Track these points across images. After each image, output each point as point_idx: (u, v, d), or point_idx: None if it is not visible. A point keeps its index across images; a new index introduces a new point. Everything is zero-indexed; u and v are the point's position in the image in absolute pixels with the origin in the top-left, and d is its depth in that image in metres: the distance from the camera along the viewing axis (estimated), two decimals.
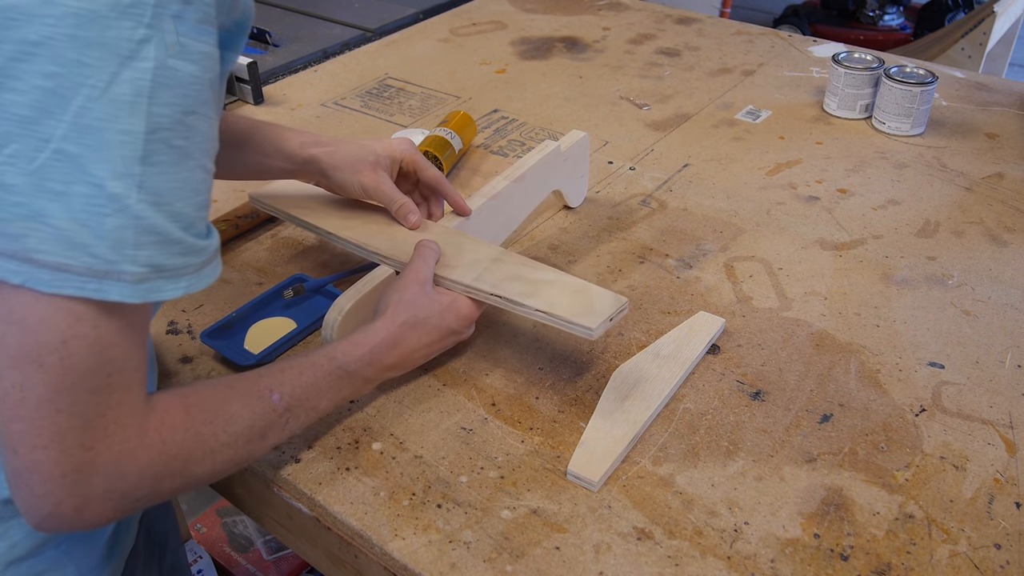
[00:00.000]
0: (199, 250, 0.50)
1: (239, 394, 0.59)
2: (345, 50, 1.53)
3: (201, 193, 0.50)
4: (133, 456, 0.51)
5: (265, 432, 0.60)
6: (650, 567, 0.61)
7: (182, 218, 0.49)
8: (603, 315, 0.69)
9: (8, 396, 0.47)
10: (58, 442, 0.47)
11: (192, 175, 0.49)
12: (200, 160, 0.50)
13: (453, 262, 0.76)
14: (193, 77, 0.47)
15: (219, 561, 1.40)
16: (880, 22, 3.52)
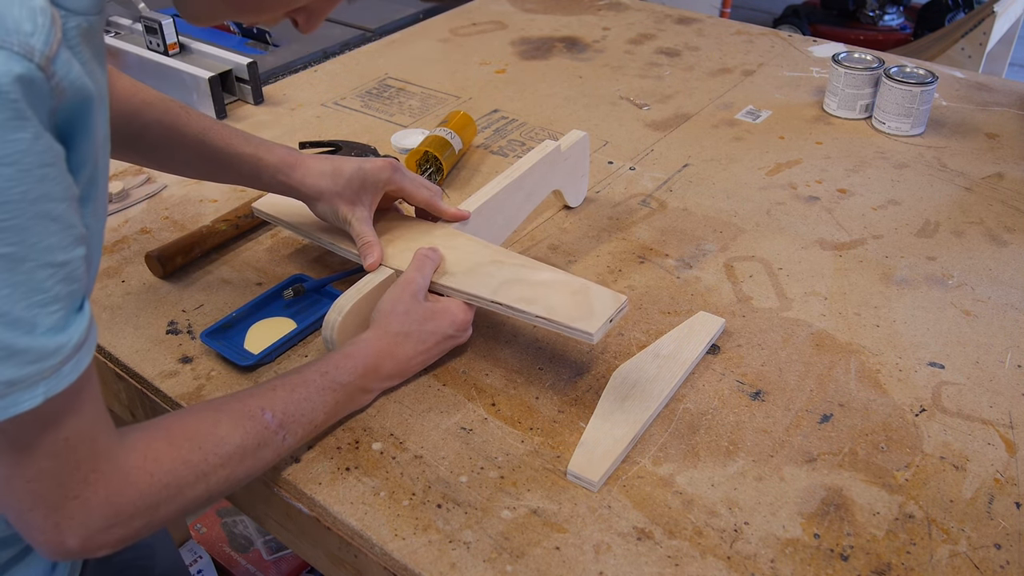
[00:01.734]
0: (52, 352, 0.47)
1: (228, 416, 0.60)
2: (345, 50, 1.53)
3: (47, 291, 0.46)
4: (121, 494, 0.52)
5: (259, 450, 0.61)
6: (650, 567, 0.61)
7: (23, 324, 0.45)
8: (603, 318, 0.69)
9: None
10: (42, 503, 0.49)
11: (30, 277, 0.45)
12: (42, 258, 0.45)
13: (453, 267, 0.76)
14: (11, 180, 0.43)
15: (219, 561, 1.40)
16: (880, 22, 3.52)
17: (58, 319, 0.47)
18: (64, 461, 0.49)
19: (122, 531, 0.52)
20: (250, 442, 0.60)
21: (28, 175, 0.44)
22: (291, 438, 0.64)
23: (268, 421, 0.62)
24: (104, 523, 0.51)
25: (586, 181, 1.03)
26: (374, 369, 0.71)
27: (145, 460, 0.54)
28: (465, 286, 0.74)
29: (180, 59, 1.32)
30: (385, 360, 0.71)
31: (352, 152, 1.11)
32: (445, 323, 0.74)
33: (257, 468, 0.62)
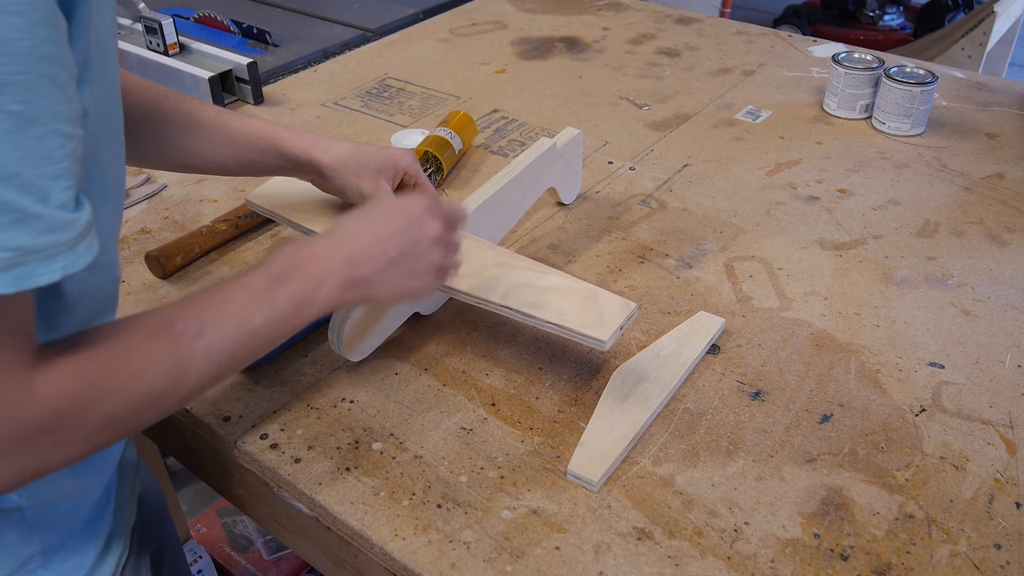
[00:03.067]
0: (66, 224, 0.45)
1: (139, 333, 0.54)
2: (345, 50, 1.53)
3: (58, 161, 0.44)
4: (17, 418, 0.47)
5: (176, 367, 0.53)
6: (650, 567, 0.61)
7: (35, 190, 0.43)
8: (614, 325, 0.69)
9: None
10: None
11: (41, 142, 0.43)
12: (51, 124, 0.44)
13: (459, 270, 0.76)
14: (19, 31, 0.42)
15: (219, 561, 1.40)
16: (880, 22, 3.52)
17: (69, 197, 0.45)
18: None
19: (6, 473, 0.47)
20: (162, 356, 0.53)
21: (35, 31, 0.43)
22: (216, 346, 0.54)
23: (180, 329, 0.54)
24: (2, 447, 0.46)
25: (579, 178, 1.04)
26: (316, 257, 0.60)
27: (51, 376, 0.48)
28: (473, 290, 0.74)
29: (180, 59, 1.32)
30: (333, 247, 0.62)
31: None
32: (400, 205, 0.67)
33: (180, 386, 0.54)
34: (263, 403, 0.76)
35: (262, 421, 0.74)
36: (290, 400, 0.76)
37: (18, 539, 0.59)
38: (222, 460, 0.75)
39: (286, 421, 0.74)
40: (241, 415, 0.75)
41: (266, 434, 0.73)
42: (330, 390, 0.77)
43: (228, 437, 0.73)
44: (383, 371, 0.79)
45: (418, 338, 0.83)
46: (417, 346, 0.82)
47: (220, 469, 0.77)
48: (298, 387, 0.78)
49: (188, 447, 0.79)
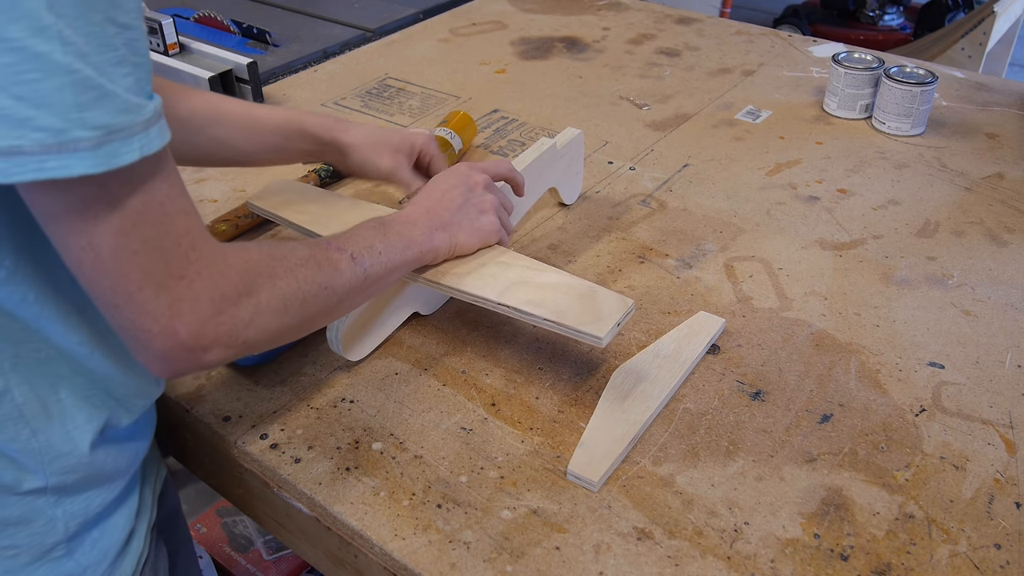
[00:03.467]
0: (137, 107, 0.47)
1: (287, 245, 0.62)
2: (345, 50, 1.53)
3: (115, 48, 0.45)
4: (224, 275, 0.52)
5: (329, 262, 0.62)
6: (650, 567, 0.61)
7: (105, 71, 0.45)
8: (611, 322, 0.69)
9: (83, 261, 0.47)
10: (149, 280, 0.48)
11: (101, 30, 0.44)
12: (106, 11, 0.45)
13: (457, 268, 0.76)
14: None
15: (219, 561, 1.40)
16: (880, 22, 3.52)
17: (132, 82, 0.47)
18: (165, 232, 0.49)
19: (230, 323, 0.52)
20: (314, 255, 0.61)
21: None
22: (356, 255, 0.65)
23: (325, 244, 0.64)
24: (212, 308, 0.51)
25: (580, 178, 1.04)
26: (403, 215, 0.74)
27: (236, 248, 0.55)
28: (470, 287, 0.74)
29: (180, 59, 1.32)
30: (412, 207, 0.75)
31: None
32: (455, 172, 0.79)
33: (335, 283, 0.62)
34: (263, 403, 0.76)
35: (262, 421, 0.74)
36: (290, 400, 0.76)
37: (43, 526, 0.60)
38: (222, 460, 0.75)
39: (286, 421, 0.74)
40: (241, 415, 0.75)
41: (266, 434, 0.73)
42: (330, 390, 0.77)
43: (228, 437, 0.73)
44: (383, 371, 0.79)
45: (418, 338, 0.83)
46: (417, 346, 0.82)
47: (220, 469, 0.77)
48: (298, 387, 0.78)
49: (188, 447, 0.80)
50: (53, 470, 0.59)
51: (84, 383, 0.59)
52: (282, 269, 0.58)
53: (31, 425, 0.57)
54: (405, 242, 0.71)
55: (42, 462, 0.58)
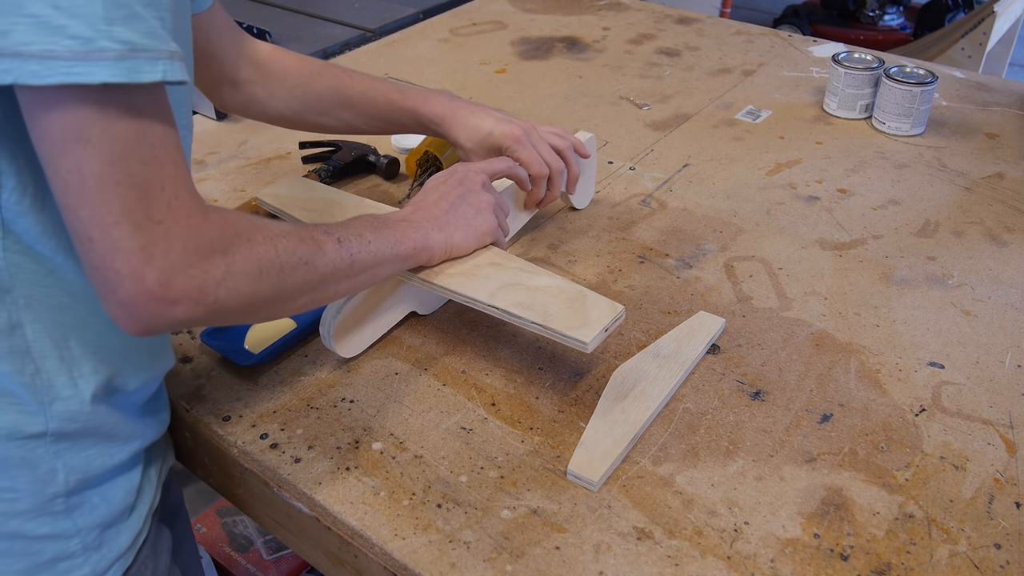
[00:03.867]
0: (163, 36, 0.49)
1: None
2: (345, 50, 1.53)
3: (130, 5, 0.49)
4: (201, 230, 0.52)
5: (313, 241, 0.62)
6: (650, 567, 0.61)
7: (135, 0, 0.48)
8: (598, 327, 0.69)
9: (68, 185, 0.48)
10: (127, 216, 0.49)
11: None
12: None
13: (450, 268, 0.76)
14: None
15: (219, 561, 1.40)
16: (880, 22, 3.52)
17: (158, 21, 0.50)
18: (151, 173, 0.50)
19: (200, 278, 0.52)
20: (298, 232, 0.61)
21: None
22: (343, 239, 0.65)
23: (312, 228, 0.64)
24: (184, 259, 0.51)
25: (593, 183, 1.03)
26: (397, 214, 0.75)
27: (218, 209, 0.55)
28: (462, 288, 0.74)
29: None
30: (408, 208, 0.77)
31: (352, 152, 1.11)
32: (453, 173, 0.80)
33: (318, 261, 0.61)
34: (263, 403, 0.76)
35: (262, 421, 0.74)
36: (290, 400, 0.76)
37: (44, 474, 0.60)
38: (222, 460, 0.75)
39: (286, 421, 0.74)
40: (241, 415, 0.75)
41: (266, 434, 0.73)
42: (330, 390, 0.77)
43: (228, 437, 0.73)
44: (383, 371, 0.79)
45: (418, 338, 0.83)
46: (417, 346, 0.82)
47: (220, 469, 0.77)
48: (298, 387, 0.78)
49: (188, 447, 0.80)
50: (54, 413, 0.59)
51: (93, 336, 0.61)
52: (262, 236, 0.57)
53: (36, 363, 0.58)
54: (398, 236, 0.71)
55: (43, 403, 0.59)
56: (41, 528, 0.61)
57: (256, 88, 0.90)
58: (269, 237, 0.58)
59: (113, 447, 0.65)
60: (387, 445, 0.72)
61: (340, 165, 1.09)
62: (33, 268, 0.57)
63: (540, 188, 0.88)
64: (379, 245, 0.68)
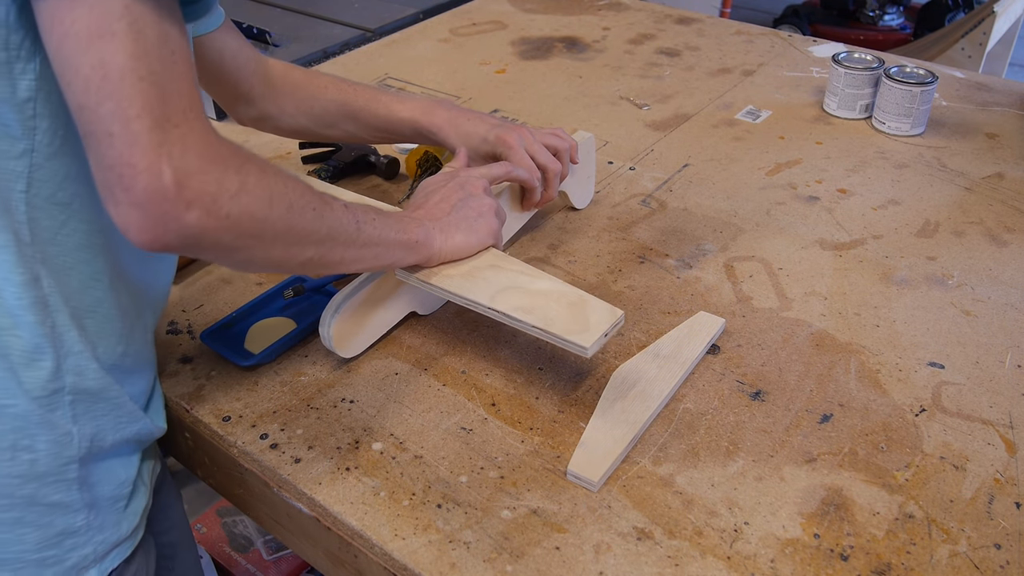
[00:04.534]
0: None
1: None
2: (345, 50, 1.53)
3: None
4: (216, 144, 0.52)
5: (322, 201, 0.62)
6: (650, 567, 0.61)
7: None
8: (598, 332, 0.69)
9: (91, 80, 0.48)
10: (148, 111, 0.49)
11: None
12: None
13: (450, 269, 0.76)
14: None
15: (219, 561, 1.40)
16: (880, 22, 3.52)
17: None
18: (171, 77, 0.50)
19: (216, 185, 0.52)
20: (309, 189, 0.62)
21: None
22: (351, 207, 0.66)
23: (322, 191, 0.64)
24: (201, 164, 0.51)
25: (592, 183, 1.03)
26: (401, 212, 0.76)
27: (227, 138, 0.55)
28: (462, 291, 0.74)
29: None
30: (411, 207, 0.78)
31: (352, 153, 1.11)
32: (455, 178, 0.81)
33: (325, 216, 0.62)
34: (263, 403, 0.76)
35: (262, 421, 0.74)
36: (290, 400, 0.76)
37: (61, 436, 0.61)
38: (222, 460, 0.75)
39: (286, 421, 0.74)
40: (241, 415, 0.75)
41: (266, 434, 0.73)
42: (330, 390, 0.77)
43: (228, 437, 0.73)
44: (383, 371, 0.79)
45: (418, 338, 0.83)
46: (417, 346, 0.82)
47: (220, 469, 0.77)
48: (298, 387, 0.78)
49: (188, 447, 0.80)
50: (69, 368, 0.61)
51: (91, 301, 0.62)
52: (273, 170, 0.58)
53: (53, 317, 0.59)
54: (401, 226, 0.72)
55: (60, 356, 0.60)
56: (54, 495, 0.62)
57: (268, 104, 0.93)
58: (279, 173, 0.58)
59: (120, 420, 0.66)
60: (387, 445, 0.72)
61: (340, 165, 1.09)
62: (47, 224, 0.58)
63: (535, 192, 0.89)
64: (384, 226, 0.69)
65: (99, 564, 0.65)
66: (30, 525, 0.61)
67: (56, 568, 0.63)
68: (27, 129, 0.55)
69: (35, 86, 0.54)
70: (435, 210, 0.77)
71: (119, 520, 0.67)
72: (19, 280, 0.57)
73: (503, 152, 0.88)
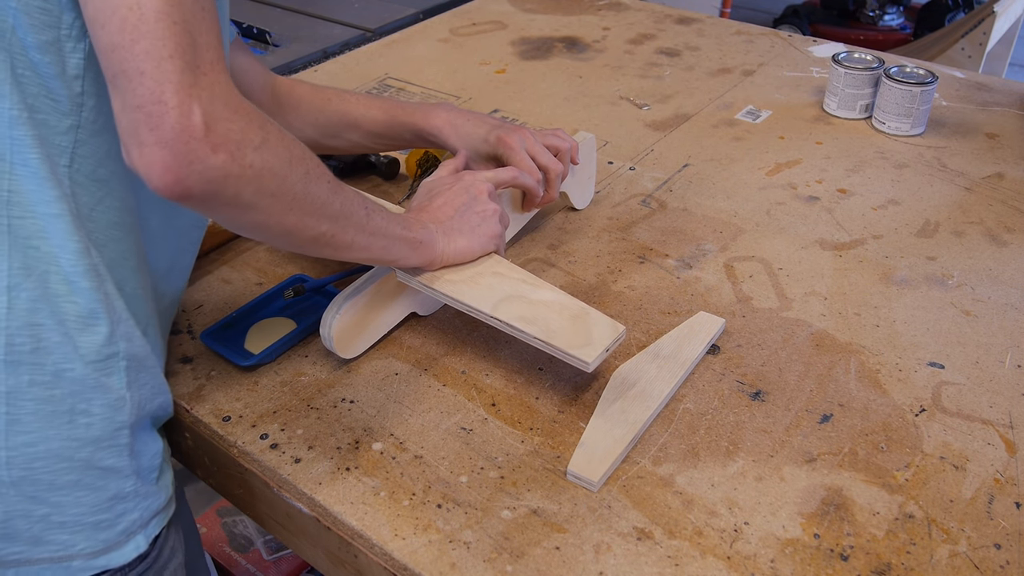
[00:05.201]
0: None
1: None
2: (345, 50, 1.53)
3: None
4: (240, 101, 0.54)
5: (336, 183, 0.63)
6: (650, 567, 0.61)
7: None
8: (600, 347, 0.69)
9: (127, 20, 0.50)
10: (180, 54, 0.50)
11: None
12: None
13: (453, 275, 0.76)
14: None
15: (219, 561, 1.40)
16: (880, 22, 3.52)
17: None
18: (200, 29, 0.52)
19: (241, 132, 0.53)
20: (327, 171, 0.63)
21: None
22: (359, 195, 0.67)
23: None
24: (228, 110, 0.52)
25: (592, 183, 1.03)
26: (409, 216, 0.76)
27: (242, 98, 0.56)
28: (465, 297, 0.74)
29: None
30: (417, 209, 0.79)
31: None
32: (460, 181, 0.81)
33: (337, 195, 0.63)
34: (263, 403, 0.76)
35: (262, 421, 0.74)
36: (290, 400, 0.76)
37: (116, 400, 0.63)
38: (222, 460, 0.75)
39: (286, 421, 0.74)
40: (241, 415, 0.75)
41: (266, 434, 0.73)
42: (330, 390, 0.77)
43: (228, 437, 0.73)
44: (383, 371, 0.79)
45: (418, 338, 0.83)
46: (417, 346, 0.82)
47: (220, 469, 0.77)
48: (298, 387, 0.78)
49: (188, 447, 0.80)
50: (121, 333, 0.63)
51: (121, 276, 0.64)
52: (291, 137, 0.59)
53: (105, 285, 0.62)
54: (406, 224, 0.72)
55: (114, 321, 0.62)
56: (108, 459, 0.63)
57: (276, 119, 0.92)
58: (296, 141, 0.59)
59: (156, 391, 0.68)
60: (387, 445, 0.72)
61: (340, 165, 1.09)
62: (86, 200, 0.60)
63: (536, 193, 0.89)
64: (389, 220, 0.70)
65: (144, 529, 0.67)
66: (86, 488, 0.62)
67: (109, 532, 0.64)
68: (75, 105, 0.58)
69: (83, 65, 0.57)
70: (438, 213, 0.77)
71: (158, 491, 0.68)
72: (74, 248, 0.59)
73: (504, 153, 0.87)
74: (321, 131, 0.95)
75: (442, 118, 0.91)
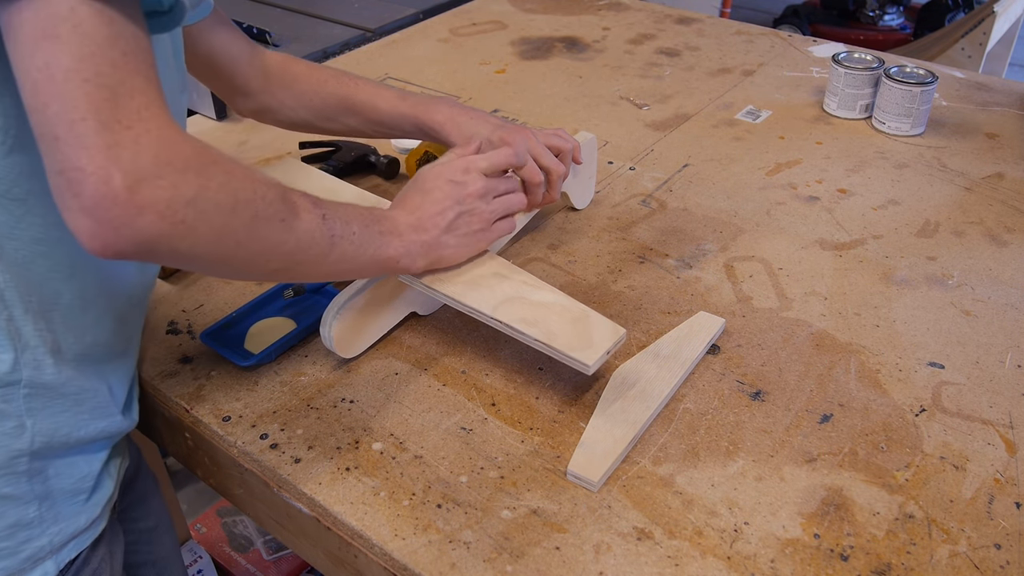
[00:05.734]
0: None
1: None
2: (345, 50, 1.53)
3: None
4: (173, 144, 0.50)
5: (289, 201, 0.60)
6: (650, 567, 0.61)
7: None
8: (600, 350, 0.69)
9: (38, 84, 0.48)
10: (94, 113, 0.47)
11: None
12: None
13: (452, 276, 0.76)
14: None
15: (219, 561, 1.40)
16: (880, 22, 3.52)
17: None
18: (121, 79, 0.49)
19: (170, 191, 0.49)
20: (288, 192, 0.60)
21: None
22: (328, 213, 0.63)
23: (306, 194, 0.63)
24: (154, 168, 0.48)
25: (593, 183, 1.03)
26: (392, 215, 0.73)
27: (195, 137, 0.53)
28: (466, 299, 0.74)
29: None
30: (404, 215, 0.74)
31: (352, 153, 1.11)
32: (446, 171, 0.77)
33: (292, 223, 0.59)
34: (263, 403, 0.76)
35: (262, 421, 0.74)
36: (290, 400, 0.76)
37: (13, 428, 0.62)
38: (222, 460, 0.75)
39: (286, 421, 0.74)
40: (241, 415, 0.75)
41: (266, 434, 0.73)
42: (330, 390, 0.77)
43: (228, 437, 0.73)
44: (383, 371, 0.79)
45: (418, 338, 0.83)
46: (417, 346, 0.82)
47: (220, 469, 0.77)
48: (298, 387, 0.78)
49: (188, 447, 0.80)
50: (26, 361, 0.61)
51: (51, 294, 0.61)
52: (242, 173, 0.55)
53: (9, 309, 0.59)
54: (382, 241, 0.69)
55: (17, 349, 0.60)
56: (3, 487, 0.61)
57: (267, 97, 0.92)
58: (249, 177, 0.55)
59: (80, 418, 0.65)
60: (387, 445, 0.72)
61: (340, 165, 1.09)
62: (3, 219, 0.57)
63: (536, 194, 0.88)
64: (362, 242, 0.67)
65: (55, 555, 0.65)
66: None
67: (11, 560, 0.63)
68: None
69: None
70: (428, 223, 0.74)
71: (78, 512, 0.67)
72: None
73: None
74: (316, 113, 0.93)
75: (444, 114, 0.90)
